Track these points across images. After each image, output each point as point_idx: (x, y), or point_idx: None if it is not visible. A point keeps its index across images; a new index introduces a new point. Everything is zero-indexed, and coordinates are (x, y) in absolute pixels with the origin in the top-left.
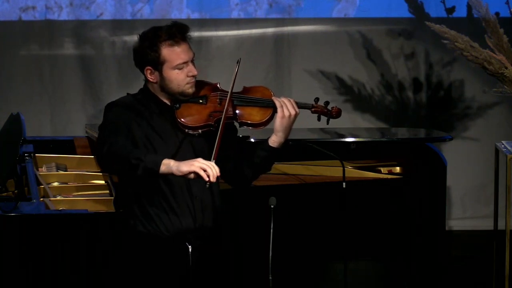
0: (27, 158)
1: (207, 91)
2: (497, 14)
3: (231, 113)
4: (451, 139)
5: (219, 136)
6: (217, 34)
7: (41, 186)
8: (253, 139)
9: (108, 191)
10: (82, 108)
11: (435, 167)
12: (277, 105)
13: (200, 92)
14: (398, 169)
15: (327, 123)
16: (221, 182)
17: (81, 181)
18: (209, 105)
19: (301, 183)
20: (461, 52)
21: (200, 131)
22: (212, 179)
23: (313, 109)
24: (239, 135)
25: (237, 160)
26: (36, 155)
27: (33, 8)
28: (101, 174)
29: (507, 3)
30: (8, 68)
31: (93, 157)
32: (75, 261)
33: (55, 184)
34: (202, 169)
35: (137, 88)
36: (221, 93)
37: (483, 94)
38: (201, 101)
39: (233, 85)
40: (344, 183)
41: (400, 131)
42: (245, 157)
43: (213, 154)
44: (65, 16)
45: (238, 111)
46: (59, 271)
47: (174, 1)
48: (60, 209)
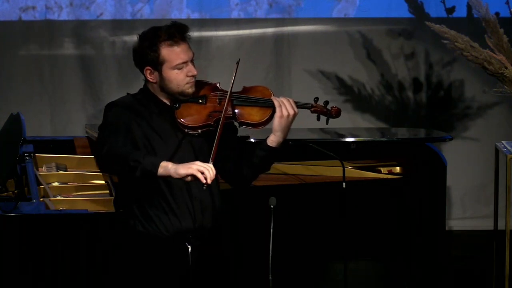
0: (27, 158)
1: (206, 91)
2: (497, 14)
3: (230, 113)
4: (451, 139)
5: (217, 136)
6: (217, 34)
7: (41, 186)
8: (252, 139)
9: (108, 191)
10: (82, 108)
11: (435, 167)
12: (276, 104)
13: (199, 92)
14: (398, 169)
15: (327, 123)
16: (221, 182)
17: (81, 181)
18: (208, 105)
19: (301, 183)
20: (461, 52)
21: (199, 131)
22: (209, 182)
23: (312, 109)
24: (238, 135)
25: (237, 160)
26: (36, 155)
27: (33, 8)
28: (101, 174)
29: (507, 3)
30: (8, 68)
31: (93, 157)
32: (75, 261)
33: (55, 184)
34: (199, 171)
35: (137, 88)
36: (220, 93)
37: (483, 94)
38: (200, 101)
39: (232, 85)
40: (344, 183)
41: (400, 131)
42: (244, 157)
43: (211, 155)
44: (65, 16)
45: (237, 111)
46: (59, 271)
47: (174, 1)
48: (60, 209)
